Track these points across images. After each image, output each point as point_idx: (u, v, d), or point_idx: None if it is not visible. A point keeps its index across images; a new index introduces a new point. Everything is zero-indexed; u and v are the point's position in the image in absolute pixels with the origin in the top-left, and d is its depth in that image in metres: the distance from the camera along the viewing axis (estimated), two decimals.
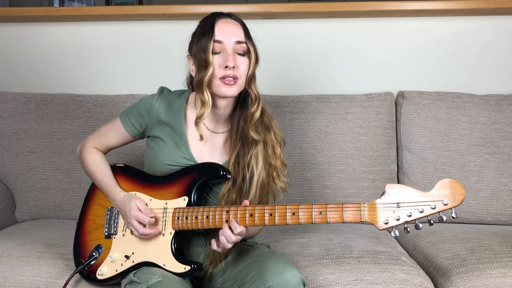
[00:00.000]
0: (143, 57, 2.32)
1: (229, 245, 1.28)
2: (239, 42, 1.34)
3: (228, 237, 1.27)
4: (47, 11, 2.35)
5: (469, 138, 1.99)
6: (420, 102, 2.04)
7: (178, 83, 1.56)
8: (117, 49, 2.32)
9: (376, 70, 2.26)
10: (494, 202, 1.95)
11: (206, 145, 1.44)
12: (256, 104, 1.38)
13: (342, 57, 2.27)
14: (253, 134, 1.38)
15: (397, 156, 2.06)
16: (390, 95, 2.07)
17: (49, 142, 2.08)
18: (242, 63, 1.35)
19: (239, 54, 1.34)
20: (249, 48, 1.35)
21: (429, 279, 1.49)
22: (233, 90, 1.35)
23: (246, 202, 1.31)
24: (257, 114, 1.38)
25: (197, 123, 1.38)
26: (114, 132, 1.53)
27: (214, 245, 1.30)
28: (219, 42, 1.33)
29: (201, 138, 1.40)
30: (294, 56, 2.26)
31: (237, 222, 1.27)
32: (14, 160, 2.09)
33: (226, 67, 1.31)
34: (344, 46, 2.26)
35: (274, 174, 1.41)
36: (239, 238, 1.28)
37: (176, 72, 1.38)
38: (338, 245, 1.63)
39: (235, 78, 1.33)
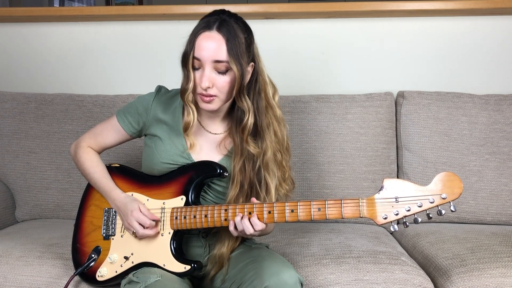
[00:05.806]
0: (143, 57, 2.32)
1: (245, 235, 1.29)
2: (218, 61, 1.28)
3: (247, 229, 1.27)
4: (47, 11, 2.35)
5: (469, 138, 1.99)
6: (420, 102, 2.03)
7: (178, 83, 1.55)
8: (117, 49, 2.32)
9: (376, 70, 2.26)
10: (494, 202, 1.95)
11: (204, 143, 1.44)
12: (247, 116, 1.35)
13: (342, 57, 2.26)
14: (250, 147, 1.36)
15: (397, 156, 2.06)
16: (390, 95, 2.07)
17: (49, 142, 2.08)
18: (221, 81, 1.30)
19: (218, 72, 1.30)
20: (231, 66, 1.28)
21: (429, 279, 1.49)
22: (212, 106, 1.34)
23: (254, 200, 1.31)
24: (249, 125, 1.35)
25: (185, 131, 1.38)
26: (110, 131, 1.51)
27: (232, 227, 1.29)
28: (197, 59, 1.29)
29: (191, 146, 1.40)
30: (294, 56, 2.26)
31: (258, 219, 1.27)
32: (14, 160, 2.09)
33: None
34: (344, 46, 2.26)
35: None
36: (257, 232, 1.28)
37: (176, 72, 1.38)
38: (338, 245, 1.63)
39: (211, 96, 1.31)
